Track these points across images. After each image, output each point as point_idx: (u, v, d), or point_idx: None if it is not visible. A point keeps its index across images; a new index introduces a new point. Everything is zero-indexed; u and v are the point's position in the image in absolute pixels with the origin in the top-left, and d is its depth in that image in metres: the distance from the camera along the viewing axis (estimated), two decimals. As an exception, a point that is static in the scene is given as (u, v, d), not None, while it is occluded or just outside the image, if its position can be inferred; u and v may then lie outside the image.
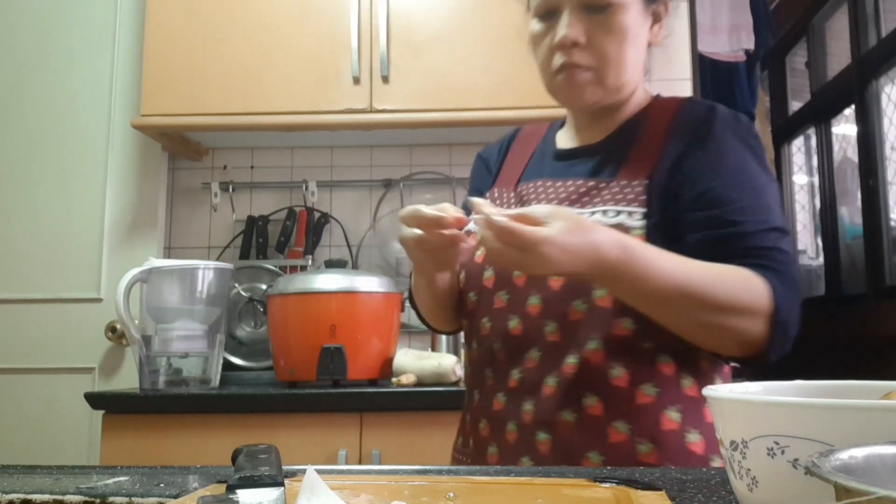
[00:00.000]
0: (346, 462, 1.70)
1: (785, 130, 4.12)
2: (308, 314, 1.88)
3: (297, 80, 2.10)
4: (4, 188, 2.36)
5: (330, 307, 1.87)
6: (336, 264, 2.02)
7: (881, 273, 3.01)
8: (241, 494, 0.54)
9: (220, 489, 0.60)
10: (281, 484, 0.57)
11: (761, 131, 3.18)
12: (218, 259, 2.38)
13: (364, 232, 2.41)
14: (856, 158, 3.35)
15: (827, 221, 3.70)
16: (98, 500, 0.61)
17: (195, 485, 0.67)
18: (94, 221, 2.33)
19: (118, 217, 2.35)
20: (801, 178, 4.26)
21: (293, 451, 1.02)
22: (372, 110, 2.09)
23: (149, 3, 2.16)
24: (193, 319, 1.88)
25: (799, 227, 4.27)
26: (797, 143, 4.21)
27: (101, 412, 1.77)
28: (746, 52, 2.96)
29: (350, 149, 2.46)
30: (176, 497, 0.61)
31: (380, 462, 1.68)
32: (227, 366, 2.11)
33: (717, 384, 0.97)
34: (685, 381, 0.98)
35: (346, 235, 2.42)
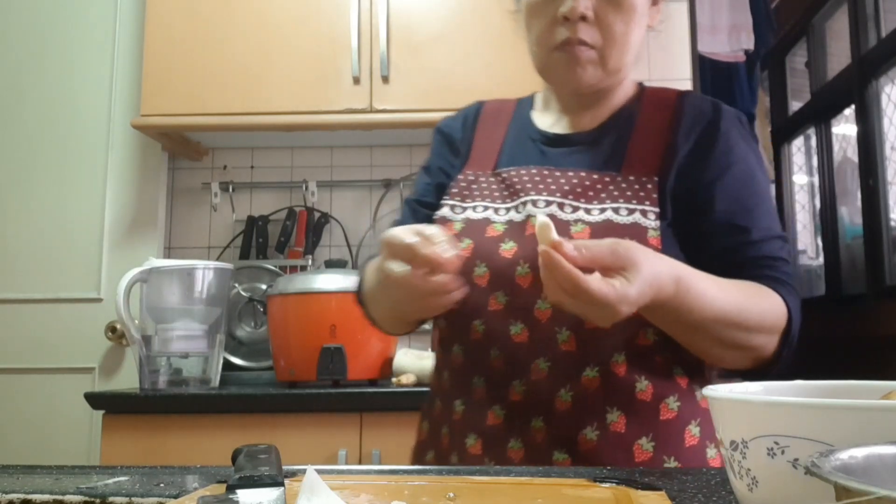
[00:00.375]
0: (346, 462, 1.70)
1: (785, 130, 4.11)
2: (308, 314, 1.88)
3: (297, 80, 2.10)
4: (4, 188, 2.36)
5: (330, 307, 1.87)
6: (336, 264, 2.02)
7: (881, 273, 3.01)
8: (241, 494, 0.54)
9: (220, 489, 0.60)
10: (281, 484, 0.57)
11: (761, 131, 3.18)
12: (218, 259, 2.38)
13: (364, 232, 2.41)
14: (856, 158, 3.35)
15: (827, 221, 3.70)
16: (98, 500, 0.61)
17: (195, 485, 0.67)
18: (94, 221, 2.33)
19: (118, 217, 2.35)
20: (801, 178, 4.25)
21: (293, 451, 1.02)
22: (372, 110, 2.09)
23: (149, 3, 2.16)
24: (193, 319, 1.88)
25: (799, 227, 4.27)
26: (797, 143, 4.20)
27: (101, 412, 1.77)
28: (746, 52, 2.96)
29: (350, 149, 2.46)
30: (176, 497, 0.61)
31: (380, 462, 1.68)
32: (227, 366, 2.11)
33: None
34: (699, 394, 0.95)
35: (346, 235, 2.42)
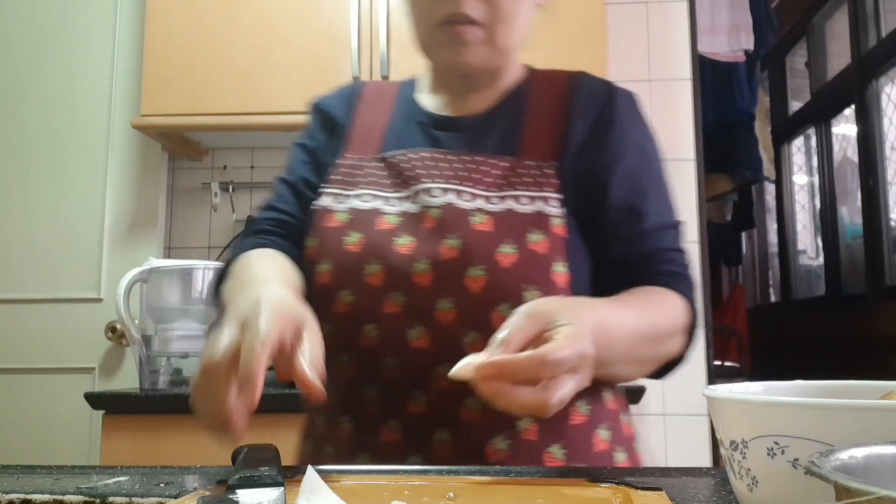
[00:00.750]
0: (346, 462, 1.69)
1: (785, 130, 4.12)
2: (308, 314, 1.88)
3: (297, 80, 2.10)
4: (4, 188, 2.36)
5: (330, 307, 1.87)
6: (336, 264, 2.02)
7: (881, 273, 3.01)
8: (241, 494, 0.54)
9: (220, 489, 0.60)
10: (281, 484, 0.57)
11: (761, 131, 3.18)
12: (218, 259, 2.38)
13: (364, 232, 2.41)
14: (856, 158, 3.35)
15: (827, 221, 3.70)
16: (98, 500, 0.61)
17: (195, 485, 0.67)
18: (94, 221, 2.33)
19: (118, 217, 2.35)
20: (801, 178, 4.26)
21: (293, 451, 1.02)
22: (372, 110, 2.09)
23: (149, 4, 2.16)
24: (193, 319, 1.88)
25: (799, 227, 4.27)
26: (797, 143, 4.21)
27: (101, 412, 1.77)
28: (746, 52, 2.97)
29: (350, 149, 2.46)
30: (176, 497, 0.61)
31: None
32: (227, 366, 2.10)
33: (622, 395, 0.95)
34: (606, 395, 0.91)
35: (346, 235, 2.41)
